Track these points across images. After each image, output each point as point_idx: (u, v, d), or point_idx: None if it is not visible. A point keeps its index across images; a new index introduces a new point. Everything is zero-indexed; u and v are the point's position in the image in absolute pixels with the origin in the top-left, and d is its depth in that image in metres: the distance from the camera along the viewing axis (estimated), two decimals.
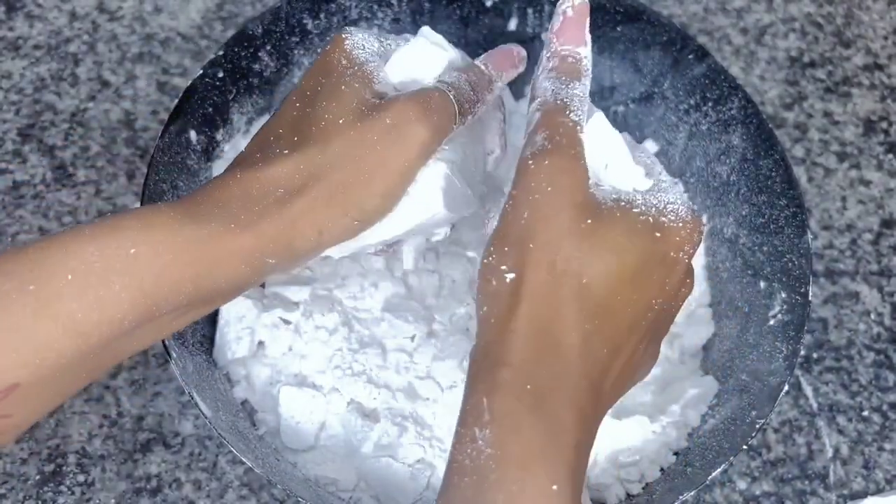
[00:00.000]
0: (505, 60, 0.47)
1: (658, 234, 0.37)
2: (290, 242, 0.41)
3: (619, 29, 0.59)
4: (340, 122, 0.41)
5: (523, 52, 0.48)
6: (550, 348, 0.35)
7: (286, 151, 0.41)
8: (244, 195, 0.40)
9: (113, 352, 0.39)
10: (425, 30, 0.45)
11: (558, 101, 0.38)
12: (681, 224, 0.38)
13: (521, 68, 0.48)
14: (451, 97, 0.43)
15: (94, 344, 0.37)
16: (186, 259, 0.38)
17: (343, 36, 0.44)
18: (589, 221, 0.36)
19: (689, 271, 0.39)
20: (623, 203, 0.37)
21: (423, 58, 0.44)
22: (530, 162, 0.37)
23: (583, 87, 0.39)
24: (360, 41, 0.44)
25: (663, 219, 0.37)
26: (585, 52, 0.40)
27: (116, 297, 0.37)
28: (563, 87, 0.39)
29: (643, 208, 0.37)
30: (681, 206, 0.38)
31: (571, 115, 0.38)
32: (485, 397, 0.34)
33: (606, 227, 0.36)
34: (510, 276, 0.36)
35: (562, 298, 0.35)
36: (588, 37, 0.40)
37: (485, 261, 0.37)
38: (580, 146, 0.37)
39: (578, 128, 0.38)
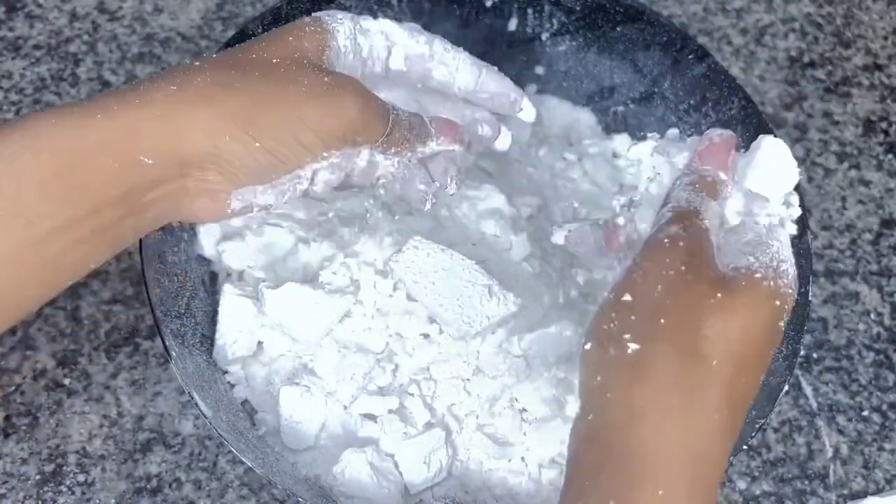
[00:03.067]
0: (448, 130, 0.46)
1: (778, 303, 0.36)
2: (175, 144, 0.38)
3: (619, 29, 0.59)
4: (274, 60, 0.41)
5: (466, 139, 0.47)
6: (684, 442, 0.33)
7: (197, 63, 0.40)
8: (129, 91, 0.38)
9: (24, 270, 0.37)
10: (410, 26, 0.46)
11: (692, 207, 0.38)
12: (791, 290, 0.37)
13: (459, 149, 0.47)
14: (390, 117, 0.43)
15: None
16: (45, 158, 0.36)
17: (314, 15, 0.43)
18: (719, 295, 0.35)
19: (782, 335, 0.38)
20: (744, 270, 0.36)
21: None
22: (665, 240, 0.36)
23: (717, 207, 0.39)
24: (334, 13, 0.43)
25: (780, 282, 0.36)
26: (725, 177, 0.40)
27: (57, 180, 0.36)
28: (698, 198, 0.38)
29: (763, 271, 0.36)
30: (790, 267, 0.37)
31: (704, 220, 0.38)
32: (613, 501, 0.33)
33: (735, 302, 0.35)
34: (633, 346, 0.34)
35: (693, 382, 0.34)
36: (731, 166, 0.40)
37: (603, 326, 0.36)
38: (709, 241, 0.37)
39: (708, 231, 0.38)
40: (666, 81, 0.59)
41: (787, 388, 0.47)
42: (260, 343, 0.51)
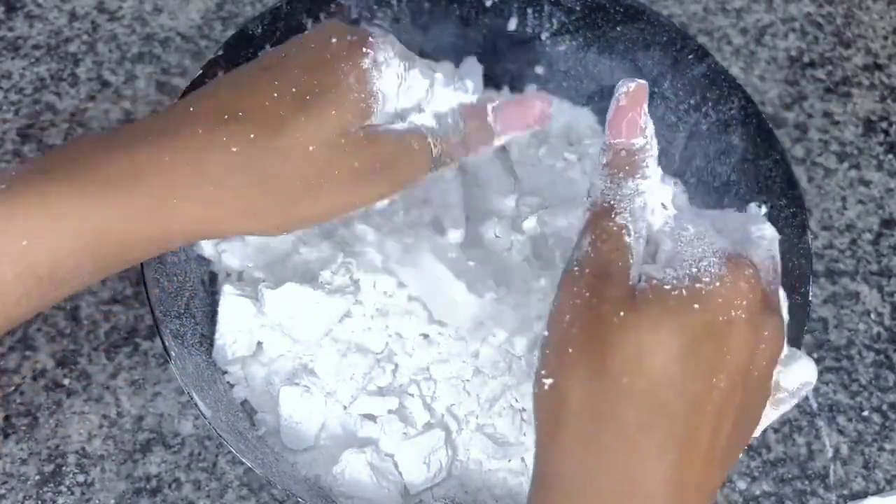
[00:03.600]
0: (517, 118, 0.44)
1: (696, 306, 0.33)
2: (209, 234, 0.40)
3: (619, 29, 0.59)
4: (311, 148, 0.39)
5: (548, 110, 0.45)
6: (603, 463, 0.33)
7: (235, 149, 0.38)
8: (164, 182, 0.37)
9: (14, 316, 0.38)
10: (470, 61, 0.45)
11: (605, 203, 0.36)
12: (718, 283, 0.33)
13: (539, 127, 0.45)
14: (432, 150, 0.42)
15: None
16: (86, 246, 0.37)
17: (365, 50, 0.40)
18: (622, 314, 0.33)
19: (758, 326, 0.34)
20: (655, 282, 0.34)
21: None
22: (575, 269, 0.35)
23: (635, 184, 0.36)
24: (381, 62, 0.41)
25: (698, 284, 0.33)
26: (642, 141, 0.37)
27: (9, 287, 0.36)
28: (614, 186, 0.36)
29: (675, 280, 0.34)
30: (712, 258, 0.34)
31: (617, 217, 0.35)
32: None
33: (639, 316, 0.33)
34: (548, 381, 0.34)
35: (604, 403, 0.33)
36: (647, 123, 0.37)
37: (536, 369, 0.35)
38: (623, 249, 0.35)
39: (624, 231, 0.35)
40: (666, 81, 0.59)
41: None
42: (259, 343, 0.51)
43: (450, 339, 0.51)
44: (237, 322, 0.51)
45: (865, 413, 0.58)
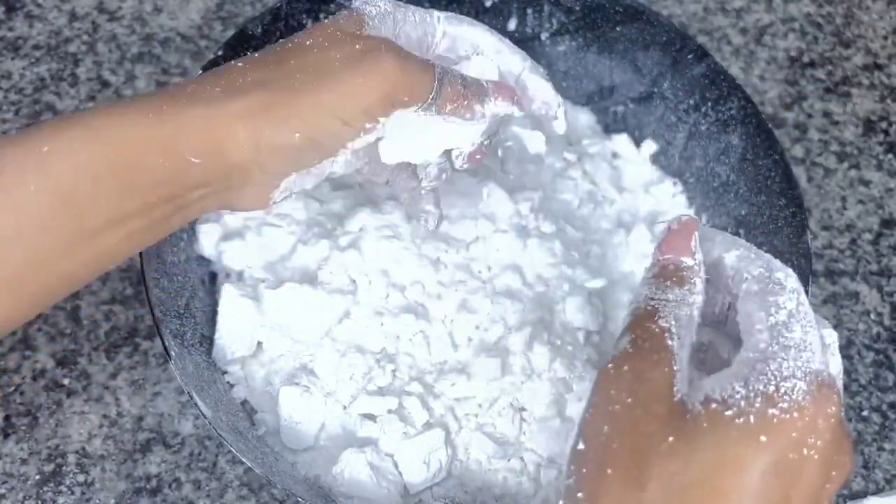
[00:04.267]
0: (506, 92, 0.45)
1: (764, 439, 0.29)
2: (219, 144, 0.39)
3: (618, 29, 0.59)
4: (308, 42, 0.41)
5: (519, 106, 0.46)
6: None
7: (240, 64, 0.41)
8: (178, 91, 0.39)
9: (52, 269, 0.38)
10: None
11: (648, 307, 0.34)
12: (797, 414, 0.30)
13: (515, 111, 0.46)
14: (436, 73, 0.42)
15: (19, 255, 0.36)
16: (103, 151, 0.37)
17: (365, 21, 0.43)
18: (671, 440, 0.30)
19: (829, 467, 0.30)
20: (714, 405, 0.30)
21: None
22: (611, 367, 0.32)
23: (682, 294, 0.34)
24: (374, 28, 0.43)
25: (772, 410, 0.30)
26: (691, 262, 0.35)
27: (33, 199, 0.36)
28: (659, 292, 0.35)
29: (741, 405, 0.30)
30: (799, 381, 0.30)
31: (661, 320, 0.33)
32: None
33: (691, 448, 0.30)
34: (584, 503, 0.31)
35: None
36: (696, 249, 0.36)
37: (567, 481, 0.32)
38: (666, 352, 0.32)
39: (667, 334, 0.33)
40: (666, 81, 0.59)
41: None
42: (259, 343, 0.51)
43: (449, 339, 0.51)
44: (237, 322, 0.51)
45: (865, 413, 0.58)
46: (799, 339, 0.32)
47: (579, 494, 0.31)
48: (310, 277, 0.52)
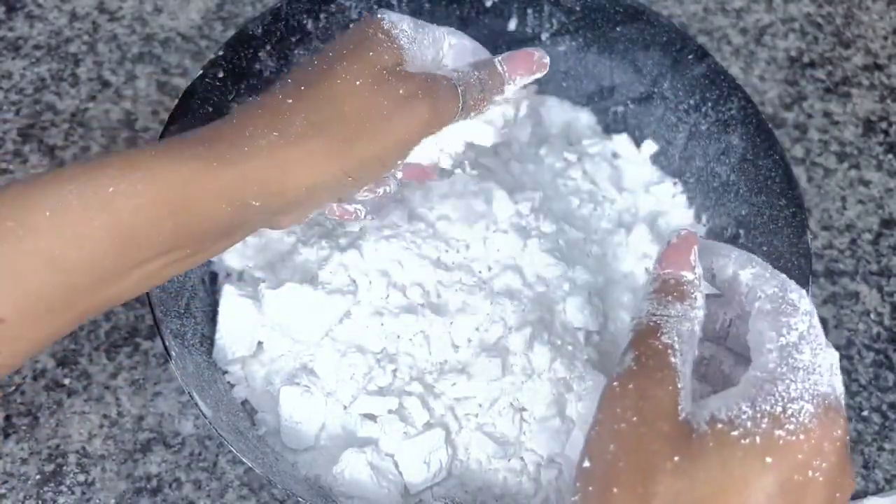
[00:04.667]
0: (522, 63, 0.47)
1: (769, 460, 0.30)
2: (280, 189, 0.41)
3: (619, 29, 0.59)
4: (358, 83, 0.42)
5: (546, 58, 0.48)
6: None
7: (290, 101, 0.42)
8: (235, 135, 0.40)
9: (100, 294, 0.39)
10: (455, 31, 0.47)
11: (651, 323, 0.35)
12: (803, 436, 0.30)
13: (540, 74, 0.48)
14: (459, 92, 0.45)
15: (77, 283, 0.37)
16: (165, 196, 0.38)
17: (380, 17, 0.45)
18: (676, 459, 0.30)
19: (833, 489, 0.31)
20: (720, 425, 0.31)
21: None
22: (616, 385, 0.33)
23: (683, 309, 0.35)
24: (396, 22, 0.44)
25: (778, 432, 0.30)
26: (691, 276, 0.36)
27: (95, 234, 0.37)
28: (661, 308, 0.35)
29: (747, 426, 0.31)
30: (807, 403, 0.31)
31: (663, 336, 0.34)
32: None
33: (696, 467, 0.30)
34: None
35: None
36: (695, 263, 0.36)
37: (573, 498, 0.32)
38: (669, 369, 0.33)
39: (670, 350, 0.33)
40: (666, 81, 0.59)
41: None
42: (260, 343, 0.51)
43: (449, 339, 0.51)
44: (237, 322, 0.51)
45: (865, 413, 0.58)
46: (808, 362, 0.32)
47: None
48: (310, 277, 0.52)
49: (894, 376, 0.59)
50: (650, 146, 0.61)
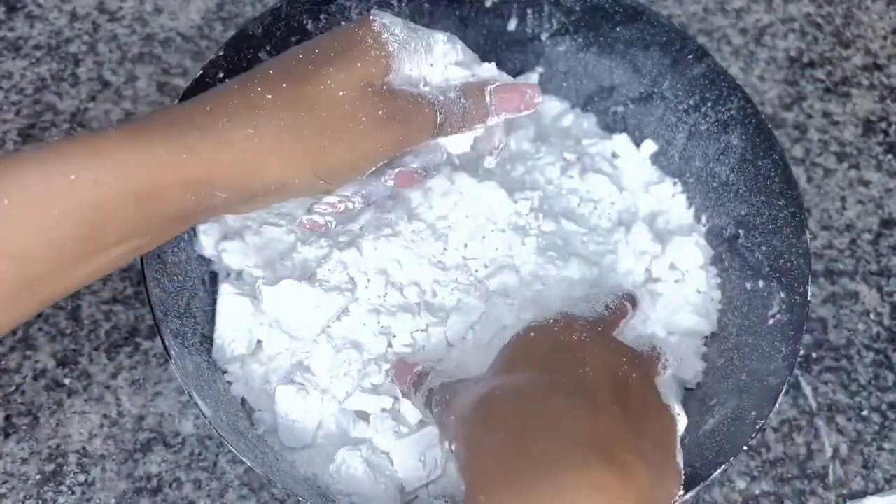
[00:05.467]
0: (511, 101, 0.47)
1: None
2: (247, 183, 0.41)
3: (618, 29, 0.59)
4: (341, 94, 0.42)
5: (538, 98, 0.48)
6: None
7: (269, 96, 0.41)
8: (208, 125, 0.40)
9: (62, 280, 0.39)
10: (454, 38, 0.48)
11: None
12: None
13: (527, 112, 0.48)
14: (438, 118, 0.45)
15: (36, 271, 0.37)
16: (130, 185, 0.38)
17: (372, 18, 0.44)
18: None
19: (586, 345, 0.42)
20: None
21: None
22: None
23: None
24: (388, 25, 0.44)
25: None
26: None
27: (56, 223, 0.37)
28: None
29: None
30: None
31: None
32: None
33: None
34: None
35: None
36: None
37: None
38: None
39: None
40: (665, 81, 0.59)
41: (786, 388, 0.47)
42: (259, 342, 0.51)
43: (444, 338, 0.51)
44: (236, 321, 0.51)
45: (864, 413, 0.58)
46: None
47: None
48: (309, 275, 0.52)
49: (894, 376, 0.59)
50: (650, 146, 0.61)
